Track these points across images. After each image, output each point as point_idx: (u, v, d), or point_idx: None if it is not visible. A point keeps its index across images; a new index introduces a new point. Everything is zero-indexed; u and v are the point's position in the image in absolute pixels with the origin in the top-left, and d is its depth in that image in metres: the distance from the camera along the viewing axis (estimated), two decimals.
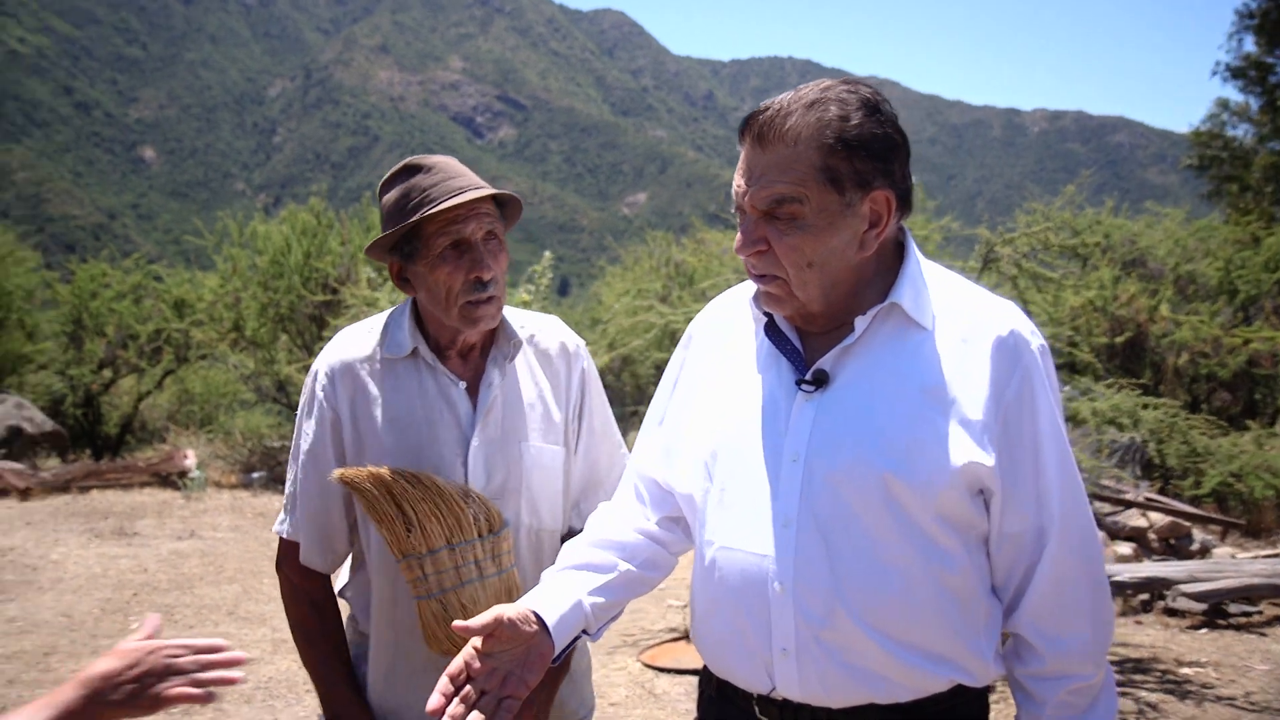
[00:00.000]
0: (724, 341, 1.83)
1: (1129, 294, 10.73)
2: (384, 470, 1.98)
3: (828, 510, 1.60)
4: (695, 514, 1.76)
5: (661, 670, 5.59)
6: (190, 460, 12.20)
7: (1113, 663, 5.78)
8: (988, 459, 1.56)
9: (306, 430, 2.14)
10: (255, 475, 12.56)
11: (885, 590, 1.58)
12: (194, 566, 8.11)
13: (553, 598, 1.73)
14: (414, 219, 2.00)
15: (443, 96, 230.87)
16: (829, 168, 1.56)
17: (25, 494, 10.77)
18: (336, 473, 2.00)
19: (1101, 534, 7.33)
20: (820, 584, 1.59)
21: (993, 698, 1.80)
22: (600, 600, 1.79)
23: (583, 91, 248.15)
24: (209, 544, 8.97)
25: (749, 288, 1.83)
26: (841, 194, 1.57)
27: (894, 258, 1.70)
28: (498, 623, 1.62)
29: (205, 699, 1.50)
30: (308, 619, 2.19)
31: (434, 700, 1.56)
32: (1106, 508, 7.68)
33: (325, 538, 2.16)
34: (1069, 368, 9.00)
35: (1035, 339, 1.64)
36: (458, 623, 1.65)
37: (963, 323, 1.64)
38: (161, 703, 1.48)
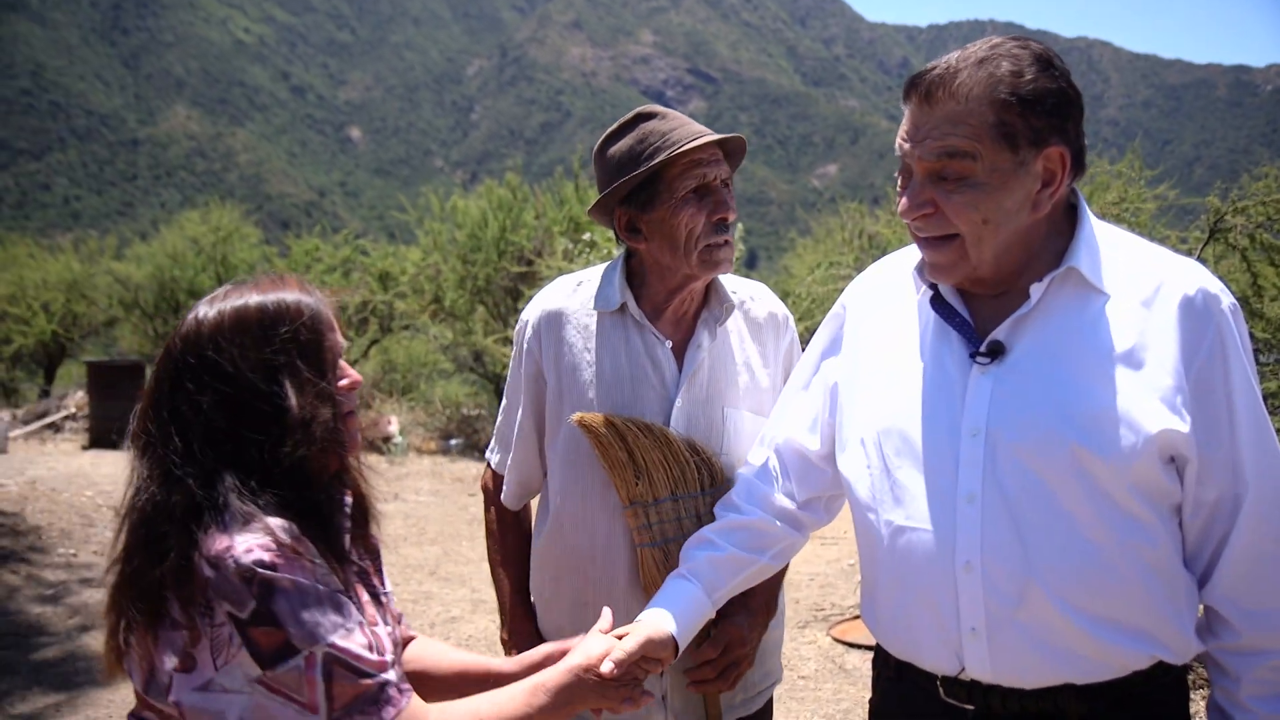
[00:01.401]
0: (882, 313, 1.79)
1: None
2: (618, 418, 2.00)
3: (1015, 485, 1.54)
4: (861, 491, 1.72)
5: (852, 645, 5.52)
6: (393, 426, 12.82)
7: None
8: (1182, 425, 1.49)
9: (514, 378, 2.20)
10: (453, 442, 13.09)
11: (1081, 566, 1.51)
12: (398, 528, 8.53)
13: (684, 605, 1.78)
14: (659, 160, 1.97)
15: (634, 70, 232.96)
16: (1003, 123, 1.52)
17: None
18: (575, 417, 2.02)
19: None
20: (1011, 562, 1.53)
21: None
22: (728, 596, 1.87)
23: (773, 62, 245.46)
24: (411, 507, 9.41)
25: (904, 257, 1.79)
26: (1015, 151, 1.53)
27: (1064, 220, 1.64)
28: (644, 649, 1.66)
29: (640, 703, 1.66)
30: (503, 543, 2.25)
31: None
32: None
33: (522, 481, 2.22)
34: None
35: (1225, 297, 1.55)
36: (615, 633, 1.69)
37: (1145, 284, 1.57)
38: (620, 700, 1.63)
